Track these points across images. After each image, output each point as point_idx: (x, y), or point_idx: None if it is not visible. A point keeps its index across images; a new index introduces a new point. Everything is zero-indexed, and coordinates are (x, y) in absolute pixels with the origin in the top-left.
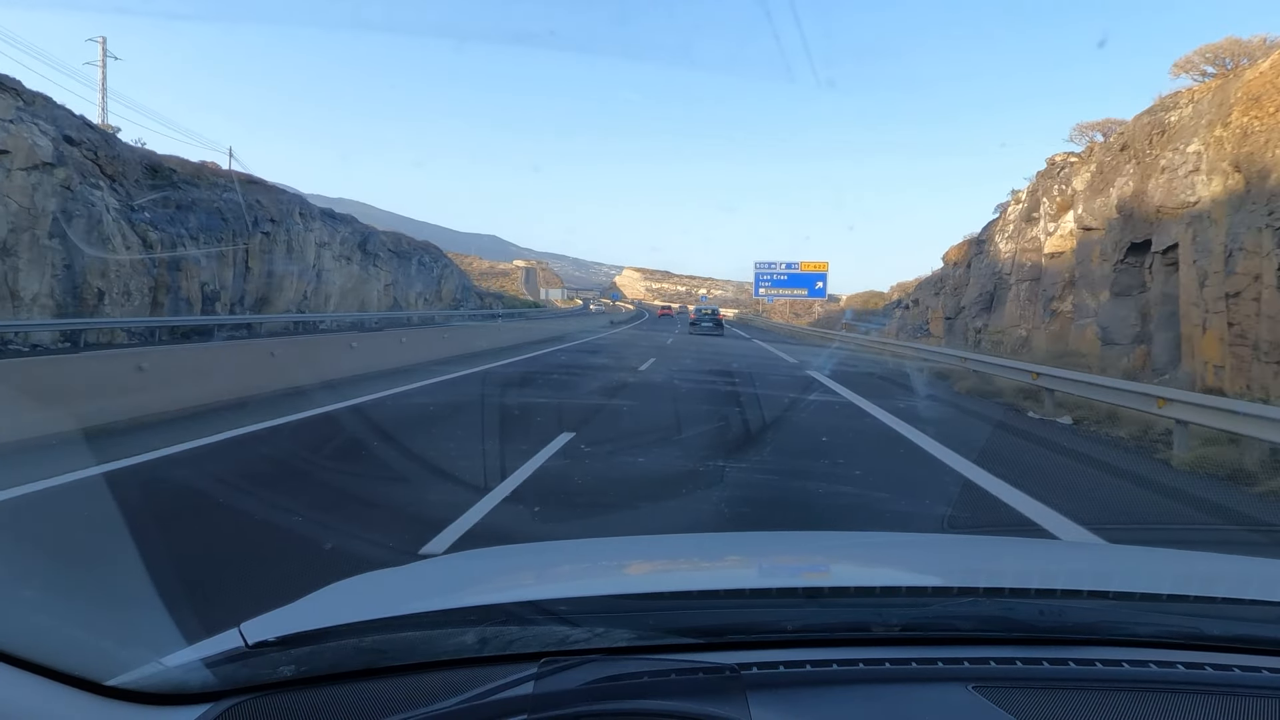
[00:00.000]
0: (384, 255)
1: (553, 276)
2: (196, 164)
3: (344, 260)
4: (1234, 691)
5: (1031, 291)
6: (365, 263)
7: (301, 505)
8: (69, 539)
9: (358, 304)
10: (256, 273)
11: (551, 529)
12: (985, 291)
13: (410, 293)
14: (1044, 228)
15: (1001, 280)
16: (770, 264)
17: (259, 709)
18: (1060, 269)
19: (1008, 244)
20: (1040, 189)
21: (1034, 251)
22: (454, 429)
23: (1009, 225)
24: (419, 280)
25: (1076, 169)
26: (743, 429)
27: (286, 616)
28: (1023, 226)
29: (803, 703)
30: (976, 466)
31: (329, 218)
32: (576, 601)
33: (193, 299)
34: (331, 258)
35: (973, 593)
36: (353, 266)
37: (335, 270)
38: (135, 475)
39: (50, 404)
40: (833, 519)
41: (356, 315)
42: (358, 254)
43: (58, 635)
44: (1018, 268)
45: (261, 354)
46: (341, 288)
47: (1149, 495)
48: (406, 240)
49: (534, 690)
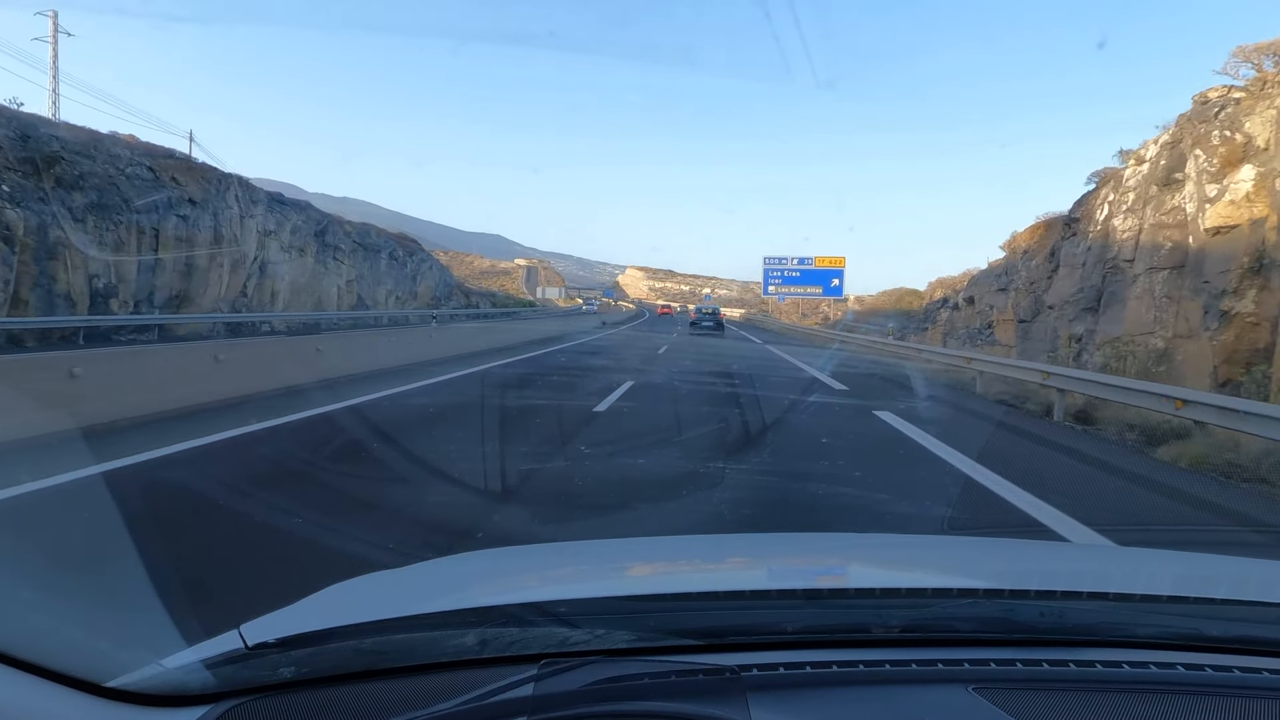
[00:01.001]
0: (346, 247)
1: (554, 275)
2: (92, 132)
3: (295, 252)
4: (1234, 693)
5: (1173, 284)
6: (323, 255)
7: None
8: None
9: (312, 302)
10: (170, 265)
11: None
12: (1089, 286)
13: (379, 290)
14: (1197, 192)
15: (1116, 270)
16: (780, 259)
17: (259, 710)
18: (1234, 250)
19: (1126, 220)
20: (1187, 138)
21: (1177, 228)
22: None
23: (1127, 195)
24: (389, 276)
25: (1246, 107)
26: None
27: (286, 618)
28: (1155, 195)
29: (803, 704)
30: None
31: (277, 203)
32: (576, 603)
33: (76, 295)
34: (279, 249)
35: (973, 594)
36: (306, 259)
37: (284, 263)
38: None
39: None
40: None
41: (311, 315)
42: (313, 245)
43: (58, 636)
44: (1147, 251)
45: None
46: (292, 283)
47: None
48: (377, 231)
49: (534, 692)
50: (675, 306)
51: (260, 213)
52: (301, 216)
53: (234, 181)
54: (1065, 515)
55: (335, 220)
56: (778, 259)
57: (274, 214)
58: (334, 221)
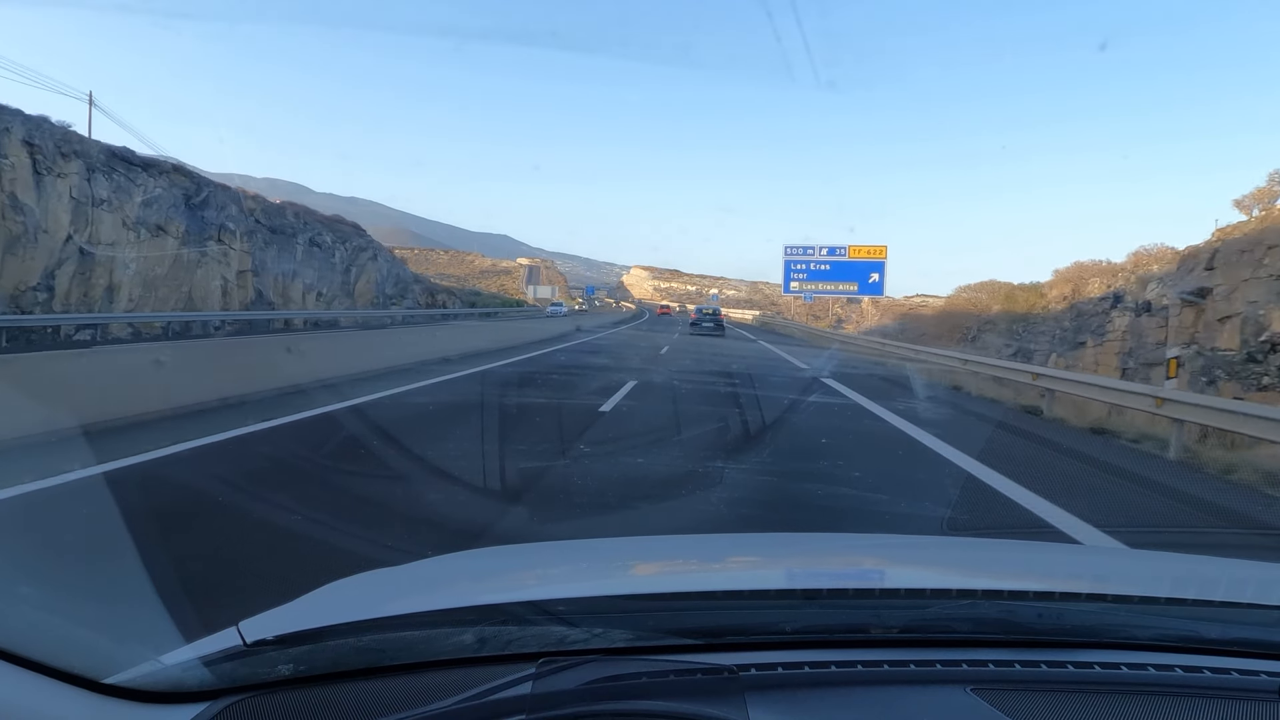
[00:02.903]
0: (237, 228)
1: (556, 275)
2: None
3: (151, 231)
4: (1232, 695)
5: None
6: (199, 237)
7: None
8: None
9: (180, 299)
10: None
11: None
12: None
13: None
14: None
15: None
16: (805, 249)
17: (257, 708)
18: None
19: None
20: None
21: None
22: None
23: None
24: (309, 267)
25: None
26: None
27: (284, 615)
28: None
29: (801, 704)
30: None
31: (121, 162)
32: (575, 602)
33: None
34: (122, 225)
35: (971, 595)
36: (168, 241)
37: (131, 246)
38: None
39: None
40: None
41: (170, 316)
42: (180, 222)
43: (55, 633)
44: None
45: None
46: (145, 274)
47: None
48: (297, 210)
49: (532, 690)
50: (674, 306)
51: (75, 172)
52: (162, 183)
53: (16, 120)
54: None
55: (222, 190)
56: (801, 249)
57: (109, 179)
58: (219, 192)
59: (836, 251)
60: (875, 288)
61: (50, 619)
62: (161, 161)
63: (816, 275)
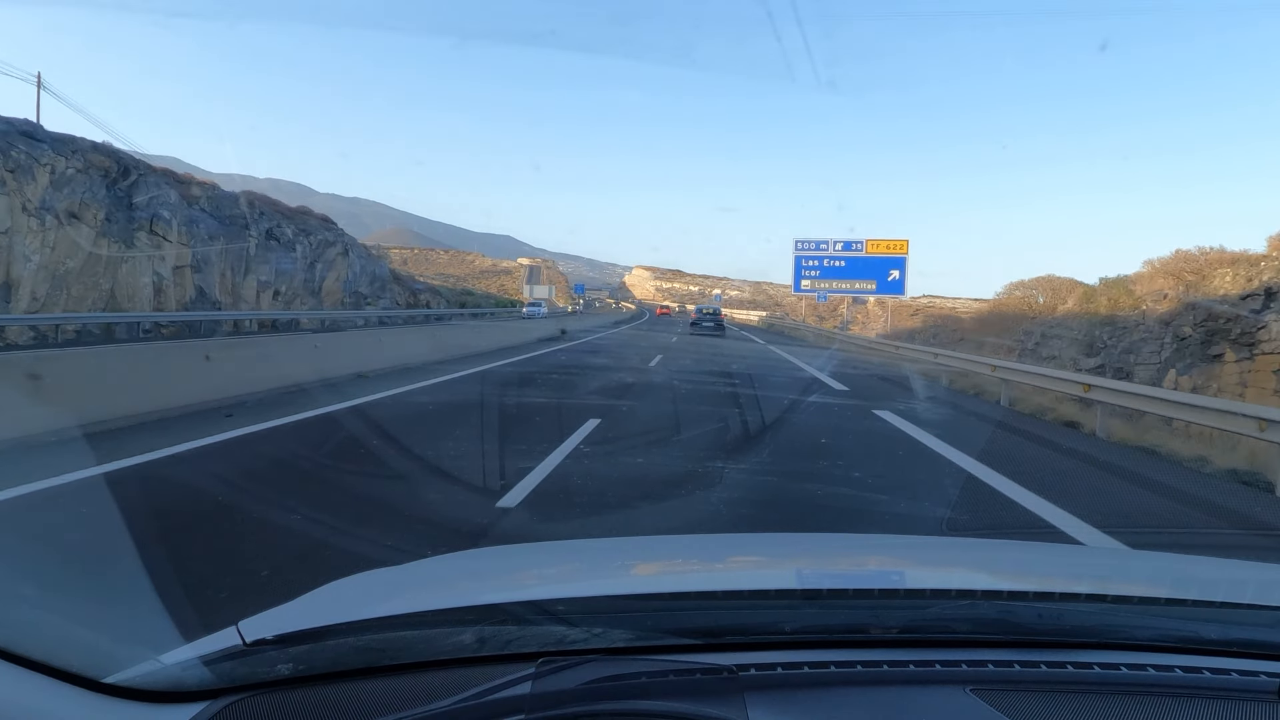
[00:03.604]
0: (175, 217)
1: (557, 275)
2: None
3: (63, 220)
4: (1232, 695)
5: None
6: (125, 227)
7: None
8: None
9: (99, 297)
10: None
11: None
12: None
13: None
14: None
15: None
16: (819, 244)
17: (256, 707)
18: None
19: None
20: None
21: None
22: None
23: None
24: (263, 262)
25: None
26: None
27: (284, 615)
28: None
29: (800, 704)
30: None
31: (23, 137)
32: (574, 601)
33: None
34: (23, 212)
35: (971, 595)
36: (83, 230)
37: (34, 236)
38: None
39: None
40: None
41: (81, 317)
42: (99, 209)
43: (55, 632)
44: None
45: None
46: (52, 269)
47: None
48: (252, 200)
49: (531, 690)
50: (674, 307)
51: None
52: (78, 163)
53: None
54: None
55: (159, 175)
56: (813, 244)
57: (10, 155)
58: (153, 176)
59: (853, 246)
60: (895, 286)
61: (48, 618)
62: (78, 140)
63: (830, 273)
